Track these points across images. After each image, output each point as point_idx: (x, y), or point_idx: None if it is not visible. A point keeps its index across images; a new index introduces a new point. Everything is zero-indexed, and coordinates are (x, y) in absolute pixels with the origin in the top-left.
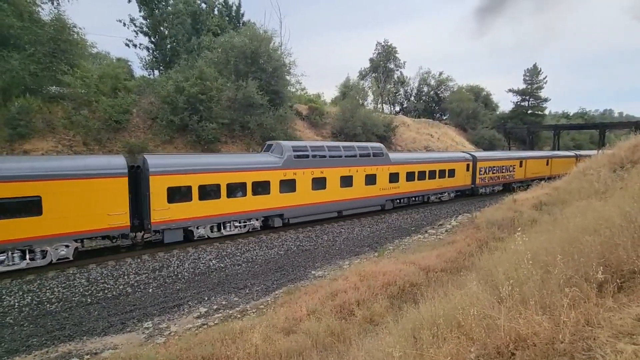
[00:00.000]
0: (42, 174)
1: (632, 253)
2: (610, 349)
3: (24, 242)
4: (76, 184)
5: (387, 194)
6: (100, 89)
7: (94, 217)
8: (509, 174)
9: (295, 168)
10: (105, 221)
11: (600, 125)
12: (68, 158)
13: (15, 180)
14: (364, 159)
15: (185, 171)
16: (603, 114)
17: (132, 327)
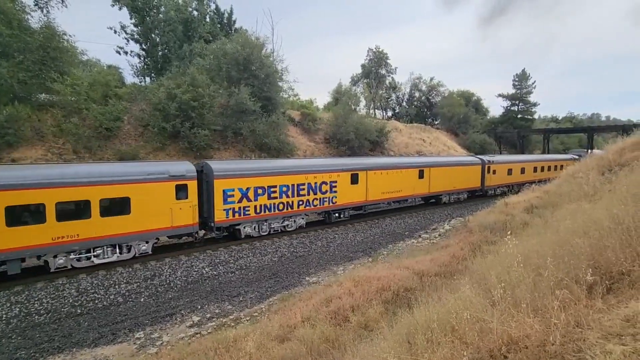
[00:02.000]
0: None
1: (620, 255)
2: (600, 350)
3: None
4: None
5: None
6: (91, 97)
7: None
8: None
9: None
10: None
11: (589, 129)
12: (150, 164)
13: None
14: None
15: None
16: (591, 118)
17: (124, 337)
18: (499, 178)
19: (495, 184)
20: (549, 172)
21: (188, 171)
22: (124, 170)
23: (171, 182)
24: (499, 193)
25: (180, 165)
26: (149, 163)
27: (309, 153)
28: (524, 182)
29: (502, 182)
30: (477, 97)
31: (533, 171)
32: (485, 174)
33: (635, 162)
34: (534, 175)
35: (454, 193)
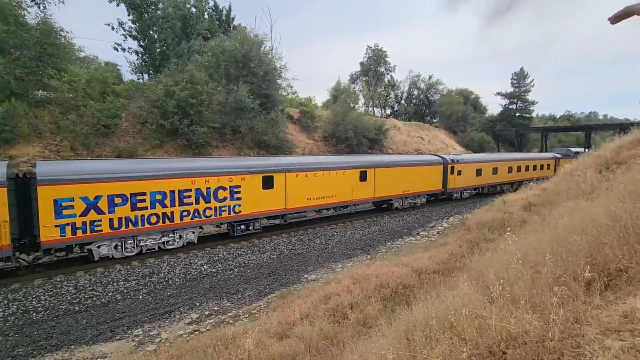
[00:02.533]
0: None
1: (618, 251)
2: (598, 346)
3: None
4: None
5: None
6: (88, 93)
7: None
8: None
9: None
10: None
11: (586, 128)
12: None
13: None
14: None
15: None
16: (588, 117)
17: (122, 334)
18: (465, 179)
19: (461, 186)
20: (527, 173)
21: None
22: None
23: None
24: (466, 196)
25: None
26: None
27: (308, 151)
28: (496, 183)
29: (469, 183)
30: (476, 95)
31: (508, 172)
32: (448, 175)
33: (632, 160)
34: (509, 176)
35: (408, 197)
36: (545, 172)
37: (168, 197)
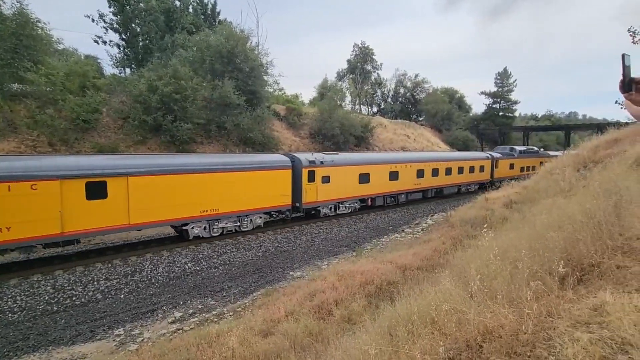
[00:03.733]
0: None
1: (591, 247)
2: (568, 338)
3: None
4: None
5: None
6: (67, 87)
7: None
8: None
9: None
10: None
11: (566, 127)
12: (262, 155)
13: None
14: None
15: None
16: (568, 117)
17: (102, 334)
18: (338, 189)
19: (332, 199)
20: (450, 178)
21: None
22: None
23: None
24: (344, 212)
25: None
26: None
27: (294, 148)
28: (396, 193)
29: (343, 195)
30: (461, 94)
31: (417, 176)
32: (303, 185)
33: (608, 159)
34: (417, 183)
35: (231, 216)
36: (478, 176)
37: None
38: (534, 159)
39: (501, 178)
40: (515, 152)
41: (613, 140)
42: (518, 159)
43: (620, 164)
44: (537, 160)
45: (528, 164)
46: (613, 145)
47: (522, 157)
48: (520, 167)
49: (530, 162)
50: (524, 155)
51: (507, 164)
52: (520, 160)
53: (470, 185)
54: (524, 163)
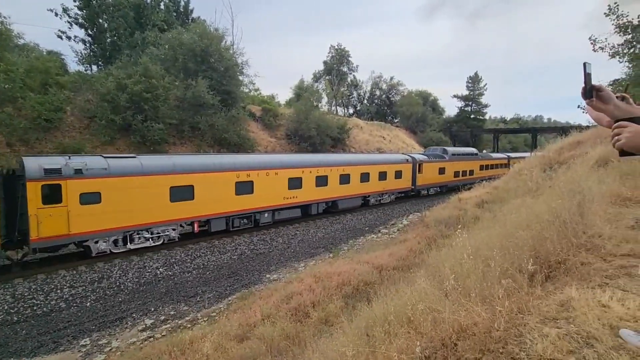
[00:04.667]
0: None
1: (557, 245)
2: (538, 334)
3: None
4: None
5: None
6: (28, 84)
7: (405, 182)
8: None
9: None
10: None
11: (533, 130)
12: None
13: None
14: None
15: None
16: (535, 120)
17: (67, 345)
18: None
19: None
20: (347, 188)
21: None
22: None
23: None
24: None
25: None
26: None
27: (270, 149)
28: (252, 211)
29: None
30: (434, 97)
31: (289, 187)
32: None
33: (571, 160)
34: (288, 196)
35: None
36: (393, 183)
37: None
38: (472, 162)
39: (428, 186)
40: (447, 154)
41: (576, 142)
42: (450, 162)
43: (583, 165)
44: (476, 163)
45: (464, 168)
46: (576, 147)
47: (455, 159)
48: (453, 172)
49: (467, 166)
50: (458, 158)
51: (435, 169)
52: (454, 163)
53: (382, 196)
54: (459, 167)
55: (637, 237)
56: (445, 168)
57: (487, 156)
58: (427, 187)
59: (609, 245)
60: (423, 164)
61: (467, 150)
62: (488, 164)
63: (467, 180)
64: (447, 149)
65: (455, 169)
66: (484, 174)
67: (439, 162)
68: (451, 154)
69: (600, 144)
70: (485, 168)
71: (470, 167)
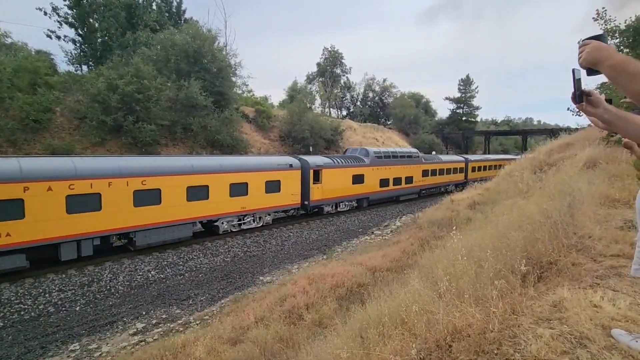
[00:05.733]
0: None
1: (549, 246)
2: (532, 335)
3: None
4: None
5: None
6: (15, 84)
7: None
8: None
9: None
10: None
11: (523, 132)
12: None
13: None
14: None
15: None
16: (525, 122)
17: (55, 350)
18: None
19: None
20: (181, 208)
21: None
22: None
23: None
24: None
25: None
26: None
27: (264, 151)
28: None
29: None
30: (427, 99)
31: (69, 210)
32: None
33: (561, 162)
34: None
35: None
36: (262, 199)
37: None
38: (411, 167)
39: (332, 200)
40: (369, 155)
41: (565, 144)
42: (373, 166)
43: (572, 167)
44: (418, 168)
45: (397, 174)
46: (565, 149)
47: (383, 163)
48: (379, 181)
49: (403, 172)
50: (386, 161)
51: (347, 176)
52: (380, 169)
53: (244, 219)
54: (389, 173)
55: (625, 238)
56: (364, 175)
57: (433, 159)
58: (332, 202)
59: (599, 245)
60: (322, 170)
61: (402, 151)
62: (436, 169)
63: (402, 191)
64: (369, 150)
65: (382, 175)
66: (430, 181)
67: (353, 168)
68: (375, 156)
69: (589, 146)
70: (431, 174)
71: (407, 173)
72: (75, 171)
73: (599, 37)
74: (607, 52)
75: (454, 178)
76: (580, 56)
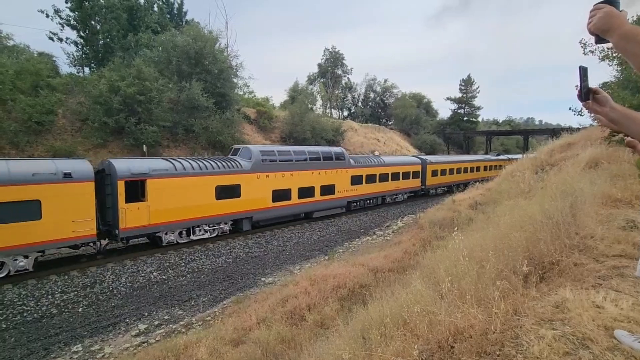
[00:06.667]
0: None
1: (551, 246)
2: (534, 335)
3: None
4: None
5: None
6: (18, 87)
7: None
8: None
9: None
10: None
11: (524, 132)
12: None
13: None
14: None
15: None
16: (526, 122)
17: (58, 352)
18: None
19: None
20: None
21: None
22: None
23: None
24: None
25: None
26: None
27: None
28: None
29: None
30: (428, 99)
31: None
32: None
33: (563, 162)
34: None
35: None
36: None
37: None
38: (332, 172)
39: (172, 225)
40: (252, 157)
41: (567, 144)
42: (257, 173)
43: (574, 167)
44: (344, 173)
45: (306, 182)
46: (567, 149)
47: (276, 168)
48: (271, 193)
49: (317, 180)
50: (284, 166)
51: (206, 189)
52: (272, 176)
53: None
54: (290, 183)
55: (628, 238)
56: (239, 185)
57: (368, 161)
58: (173, 227)
59: (601, 246)
60: (148, 180)
61: (313, 151)
62: (375, 174)
63: (316, 205)
64: (253, 149)
65: (277, 185)
66: (366, 190)
67: (215, 175)
68: (261, 157)
69: (591, 145)
70: (367, 181)
71: (325, 181)
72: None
73: (612, 2)
74: (619, 20)
75: (405, 185)
76: (590, 21)
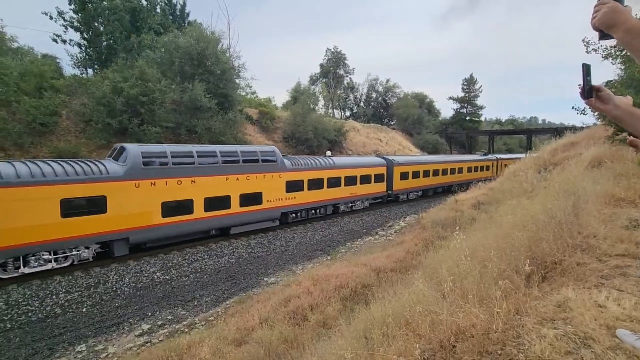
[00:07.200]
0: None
1: (553, 246)
2: (536, 335)
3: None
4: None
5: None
6: (22, 88)
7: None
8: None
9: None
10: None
11: (527, 131)
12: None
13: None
14: None
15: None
16: (529, 121)
17: (62, 352)
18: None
19: None
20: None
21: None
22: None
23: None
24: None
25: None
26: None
27: None
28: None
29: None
30: (430, 99)
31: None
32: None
33: (565, 161)
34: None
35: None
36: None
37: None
38: (258, 177)
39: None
40: (127, 160)
41: (570, 143)
42: (135, 180)
43: (577, 166)
44: (276, 178)
45: (216, 191)
46: (570, 148)
47: (168, 173)
48: (160, 206)
49: (233, 187)
50: (183, 170)
51: (50, 205)
52: (163, 184)
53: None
54: (191, 192)
55: (631, 237)
56: (105, 198)
57: (312, 163)
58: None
59: (604, 245)
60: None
61: (228, 151)
62: (322, 178)
63: (233, 218)
64: (131, 150)
65: (169, 196)
66: (308, 199)
67: (57, 185)
68: (142, 161)
69: (594, 145)
70: (309, 187)
71: (246, 189)
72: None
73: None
74: (624, 16)
75: (365, 191)
76: (594, 16)
